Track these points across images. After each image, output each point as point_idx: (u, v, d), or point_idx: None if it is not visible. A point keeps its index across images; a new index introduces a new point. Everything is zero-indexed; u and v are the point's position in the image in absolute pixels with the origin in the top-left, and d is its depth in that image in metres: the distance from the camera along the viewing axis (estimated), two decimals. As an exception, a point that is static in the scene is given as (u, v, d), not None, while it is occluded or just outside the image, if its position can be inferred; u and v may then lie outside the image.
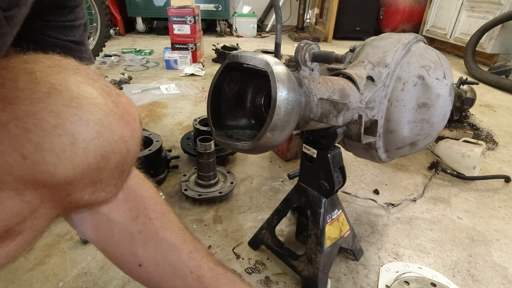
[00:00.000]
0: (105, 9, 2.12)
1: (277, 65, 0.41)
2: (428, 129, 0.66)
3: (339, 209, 0.69)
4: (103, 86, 0.26)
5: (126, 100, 0.27)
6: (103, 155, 0.24)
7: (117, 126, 0.25)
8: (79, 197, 0.25)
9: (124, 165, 0.26)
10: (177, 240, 0.44)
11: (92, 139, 0.23)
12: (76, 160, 0.22)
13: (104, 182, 0.26)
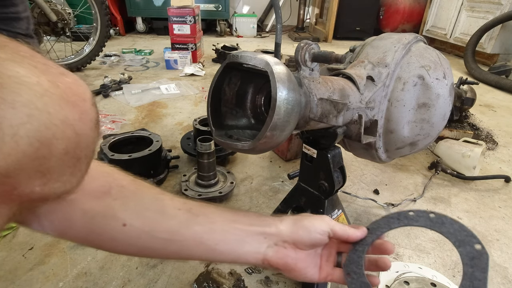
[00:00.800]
0: (105, 9, 2.12)
1: (277, 65, 0.41)
2: (428, 129, 0.66)
3: (339, 209, 0.69)
4: (38, 63, 0.22)
5: (72, 80, 0.24)
6: (42, 142, 0.21)
7: (56, 108, 0.22)
8: (28, 189, 0.22)
9: (77, 151, 0.24)
10: (157, 193, 0.43)
11: (21, 124, 0.20)
12: (4, 148, 0.20)
13: (55, 172, 0.23)
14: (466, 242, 0.37)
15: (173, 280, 0.68)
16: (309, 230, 0.45)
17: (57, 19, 1.86)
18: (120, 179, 0.42)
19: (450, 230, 0.39)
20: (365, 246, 0.44)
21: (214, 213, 0.44)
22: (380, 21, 3.85)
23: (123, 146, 1.00)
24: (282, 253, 0.45)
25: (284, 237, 0.45)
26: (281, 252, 0.45)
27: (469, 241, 0.37)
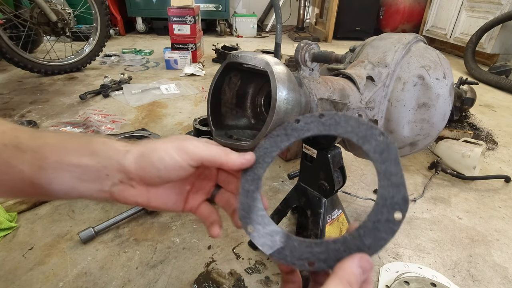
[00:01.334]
0: (105, 9, 2.12)
1: (277, 65, 0.41)
2: (428, 129, 0.66)
3: (339, 209, 0.69)
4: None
5: None
6: None
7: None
8: None
9: None
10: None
11: None
12: None
13: None
14: (368, 136, 0.33)
15: (173, 280, 0.68)
16: (157, 168, 0.37)
17: (57, 19, 1.86)
18: None
19: (347, 128, 0.34)
20: (256, 182, 0.36)
21: (46, 146, 0.37)
22: (380, 21, 3.85)
23: (123, 146, 1.00)
24: (129, 193, 0.39)
25: (129, 174, 0.37)
26: (128, 191, 0.39)
27: (371, 134, 0.33)
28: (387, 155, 0.32)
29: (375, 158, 0.33)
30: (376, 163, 0.32)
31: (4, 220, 0.77)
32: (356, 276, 0.27)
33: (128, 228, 0.81)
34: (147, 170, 0.37)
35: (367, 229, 0.30)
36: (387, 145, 0.32)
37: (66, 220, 0.84)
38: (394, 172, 0.31)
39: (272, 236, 0.34)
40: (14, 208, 0.84)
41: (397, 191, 0.30)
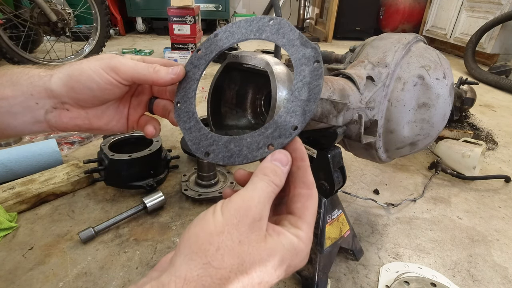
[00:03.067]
0: (105, 9, 2.13)
1: (277, 65, 0.41)
2: (428, 129, 0.66)
3: (339, 209, 0.69)
4: None
5: None
6: None
7: None
8: None
9: None
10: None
11: None
12: None
13: None
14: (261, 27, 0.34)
15: (173, 280, 0.68)
16: (90, 87, 0.35)
17: (57, 19, 1.86)
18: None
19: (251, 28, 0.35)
20: (201, 66, 0.37)
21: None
22: (380, 21, 3.85)
23: (123, 146, 1.00)
24: (67, 117, 0.37)
25: (61, 98, 0.36)
26: (65, 115, 0.37)
27: (263, 24, 0.34)
28: (283, 31, 0.34)
29: (275, 38, 0.34)
30: (278, 40, 0.34)
31: (4, 220, 0.77)
32: (269, 168, 0.29)
33: (128, 228, 0.81)
34: (79, 91, 0.35)
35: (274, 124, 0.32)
36: (279, 24, 0.34)
37: (66, 220, 0.84)
38: (295, 38, 0.33)
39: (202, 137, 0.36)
40: (14, 208, 0.84)
41: (303, 49, 0.32)
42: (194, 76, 0.38)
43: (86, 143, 1.22)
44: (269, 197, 0.28)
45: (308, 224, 0.29)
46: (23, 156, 0.96)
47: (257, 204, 0.27)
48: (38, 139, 1.21)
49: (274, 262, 0.26)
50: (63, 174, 0.95)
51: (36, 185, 0.90)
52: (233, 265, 0.24)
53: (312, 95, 0.31)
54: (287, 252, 0.27)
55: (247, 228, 0.26)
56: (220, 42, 0.38)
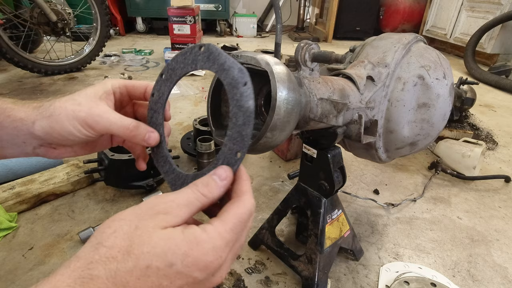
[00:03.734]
0: (105, 9, 2.12)
1: (277, 65, 0.41)
2: (428, 129, 0.66)
3: (339, 209, 0.69)
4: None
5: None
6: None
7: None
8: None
9: None
10: None
11: None
12: None
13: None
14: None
15: (173, 280, 0.68)
16: (68, 138, 0.37)
17: (57, 19, 1.86)
18: None
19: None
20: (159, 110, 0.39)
21: None
22: (380, 21, 3.86)
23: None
24: (54, 153, 0.40)
25: (45, 140, 0.38)
26: (53, 152, 0.40)
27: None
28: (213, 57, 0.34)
29: (208, 66, 0.34)
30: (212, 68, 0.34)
31: (4, 220, 0.77)
32: (203, 180, 0.31)
33: (128, 228, 0.81)
34: (62, 139, 0.38)
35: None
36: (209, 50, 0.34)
37: (66, 220, 0.84)
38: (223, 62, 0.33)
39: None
40: (14, 208, 0.84)
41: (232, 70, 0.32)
42: (158, 121, 0.40)
43: (86, 143, 1.22)
44: (189, 202, 0.29)
45: (222, 222, 0.29)
46: (23, 156, 0.96)
47: (169, 202, 0.28)
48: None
49: (165, 247, 0.25)
50: (63, 174, 0.95)
51: (36, 185, 0.90)
52: (122, 246, 0.25)
53: (246, 119, 0.31)
54: (184, 241, 0.26)
55: (148, 217, 0.27)
56: (166, 82, 0.39)
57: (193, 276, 0.26)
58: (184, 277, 0.26)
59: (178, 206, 0.28)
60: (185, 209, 0.28)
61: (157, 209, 0.27)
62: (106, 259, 0.24)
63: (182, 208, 0.28)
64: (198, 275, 0.26)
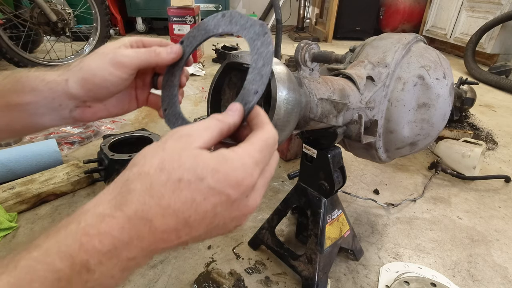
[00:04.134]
0: (105, 9, 2.12)
1: (277, 65, 0.41)
2: (428, 129, 0.66)
3: (339, 209, 0.69)
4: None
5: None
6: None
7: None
8: None
9: None
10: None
11: None
12: None
13: None
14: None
15: (173, 280, 0.68)
16: (105, 86, 0.39)
17: (57, 19, 1.86)
18: None
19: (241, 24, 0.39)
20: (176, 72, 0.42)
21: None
22: (380, 21, 3.85)
23: (123, 146, 1.00)
24: (90, 112, 0.42)
25: (81, 98, 0.40)
26: (88, 111, 0.42)
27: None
28: (235, 20, 0.38)
29: (230, 29, 0.39)
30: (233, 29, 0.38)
31: (4, 220, 0.77)
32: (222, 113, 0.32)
33: (128, 228, 0.81)
34: (96, 90, 0.39)
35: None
36: (231, 16, 0.38)
37: (66, 220, 0.84)
38: (244, 22, 0.37)
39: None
40: (14, 208, 0.84)
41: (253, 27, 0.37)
42: (173, 83, 0.43)
43: (86, 143, 1.22)
44: (207, 126, 0.30)
45: (249, 144, 0.29)
46: (23, 156, 0.96)
47: (189, 127, 0.29)
48: (38, 139, 1.21)
49: (194, 163, 0.26)
50: (63, 174, 0.95)
51: (36, 185, 0.90)
52: (153, 164, 0.26)
53: (266, 60, 0.35)
54: (213, 158, 0.27)
55: (173, 140, 0.28)
56: (187, 48, 0.43)
57: (225, 193, 0.26)
58: (217, 194, 0.26)
59: (198, 129, 0.29)
60: (205, 132, 0.29)
61: (180, 133, 0.29)
62: (139, 175, 0.26)
63: (202, 131, 0.29)
64: (231, 193, 0.26)
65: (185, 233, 0.26)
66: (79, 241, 0.23)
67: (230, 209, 0.27)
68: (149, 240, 0.25)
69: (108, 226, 0.24)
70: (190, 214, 0.25)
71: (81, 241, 0.23)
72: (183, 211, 0.25)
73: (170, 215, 0.25)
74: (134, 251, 0.25)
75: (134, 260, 0.25)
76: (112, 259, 0.24)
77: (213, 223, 0.27)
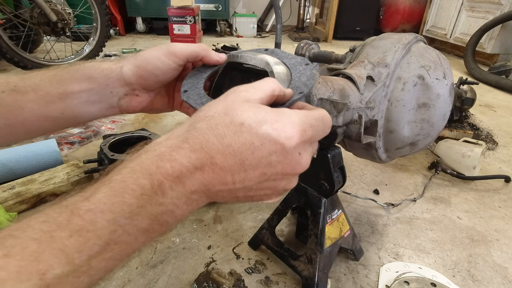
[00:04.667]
0: (105, 9, 2.12)
1: (277, 65, 0.41)
2: (428, 129, 0.66)
3: (339, 209, 0.69)
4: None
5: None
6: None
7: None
8: None
9: None
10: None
11: None
12: None
13: None
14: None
15: (173, 280, 0.68)
16: (155, 74, 0.43)
17: (57, 19, 1.86)
18: None
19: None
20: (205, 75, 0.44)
21: (43, 83, 0.41)
22: (380, 21, 3.86)
23: (123, 146, 1.00)
24: (136, 101, 0.45)
25: (132, 85, 0.43)
26: (135, 100, 0.45)
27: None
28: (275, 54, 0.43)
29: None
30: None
31: (4, 220, 0.77)
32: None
33: (128, 228, 0.81)
34: (146, 77, 0.42)
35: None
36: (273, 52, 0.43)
37: (66, 220, 0.83)
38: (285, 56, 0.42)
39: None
40: (14, 208, 0.84)
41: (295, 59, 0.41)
42: (201, 77, 0.44)
43: (86, 143, 1.22)
44: (260, 85, 0.32)
45: (308, 110, 0.32)
46: (23, 156, 0.96)
47: (244, 86, 0.32)
48: (38, 139, 1.21)
49: (256, 111, 0.29)
50: (63, 174, 0.95)
51: (36, 185, 0.90)
52: (218, 109, 0.29)
53: (310, 77, 0.38)
54: (273, 111, 0.29)
55: (233, 94, 0.31)
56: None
57: (281, 143, 0.28)
58: (273, 142, 0.28)
59: (254, 87, 0.31)
60: (259, 90, 0.31)
61: (240, 89, 0.31)
62: (205, 117, 0.29)
63: (257, 89, 0.31)
64: (286, 143, 0.28)
65: (239, 178, 0.28)
66: (156, 164, 0.26)
67: (283, 161, 0.29)
68: (208, 175, 0.28)
69: (177, 154, 0.27)
70: (247, 156, 0.28)
71: (157, 164, 0.27)
72: (241, 151, 0.27)
73: (229, 153, 0.27)
74: (196, 183, 0.28)
75: (195, 194, 0.28)
76: (179, 186, 0.27)
77: (266, 174, 0.29)
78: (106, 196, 0.24)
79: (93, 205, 0.24)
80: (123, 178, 0.26)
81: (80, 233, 0.23)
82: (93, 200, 0.24)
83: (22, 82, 0.40)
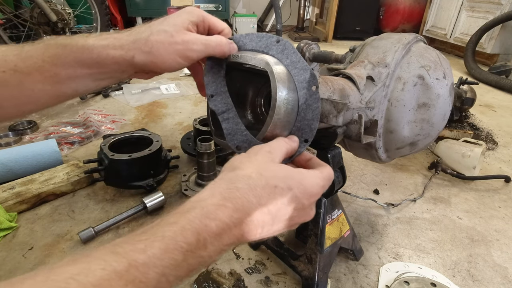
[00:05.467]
0: (105, 9, 2.13)
1: (277, 65, 0.41)
2: (428, 129, 0.66)
3: (339, 209, 0.69)
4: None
5: None
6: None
7: None
8: None
9: None
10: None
11: None
12: None
13: None
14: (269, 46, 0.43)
15: (173, 280, 0.68)
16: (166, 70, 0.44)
17: (57, 19, 1.86)
18: None
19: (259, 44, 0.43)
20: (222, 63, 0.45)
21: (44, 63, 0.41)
22: (380, 21, 3.85)
23: (123, 146, 1.00)
24: (145, 76, 0.48)
25: (144, 69, 0.45)
26: (144, 76, 0.48)
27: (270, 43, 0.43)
28: (287, 52, 0.42)
29: (280, 57, 0.42)
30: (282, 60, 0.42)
31: (4, 220, 0.77)
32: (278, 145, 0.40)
33: (128, 228, 0.81)
34: (157, 70, 0.44)
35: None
36: (284, 45, 0.42)
37: (66, 220, 0.84)
38: (297, 60, 0.41)
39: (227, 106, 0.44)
40: (14, 208, 0.84)
41: (304, 72, 0.41)
42: (220, 73, 0.45)
43: (86, 143, 1.22)
44: (278, 145, 0.39)
45: (319, 171, 0.39)
46: (23, 156, 0.96)
47: (267, 146, 0.38)
48: (38, 139, 1.21)
49: (286, 174, 0.35)
50: (63, 174, 0.95)
51: (36, 185, 0.90)
52: (254, 170, 0.35)
53: (315, 115, 0.41)
54: (297, 172, 0.36)
55: (261, 153, 0.37)
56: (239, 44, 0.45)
57: (302, 202, 0.36)
58: (297, 201, 0.35)
59: (275, 148, 0.38)
60: (279, 152, 0.38)
61: (265, 149, 0.38)
62: (244, 177, 0.34)
63: (277, 150, 0.38)
64: (305, 202, 0.36)
65: (266, 229, 0.34)
66: (203, 222, 0.30)
67: (300, 215, 0.37)
68: (243, 229, 0.32)
69: (222, 213, 0.31)
70: (276, 214, 0.34)
71: (205, 223, 0.30)
72: (273, 211, 0.34)
73: (264, 213, 0.33)
74: (232, 238, 0.32)
75: (228, 246, 0.32)
76: (217, 241, 0.31)
77: (286, 225, 0.36)
78: (160, 252, 0.28)
79: (148, 259, 0.27)
80: (175, 235, 0.29)
81: (134, 283, 0.26)
82: (149, 253, 0.27)
83: (22, 62, 0.40)
